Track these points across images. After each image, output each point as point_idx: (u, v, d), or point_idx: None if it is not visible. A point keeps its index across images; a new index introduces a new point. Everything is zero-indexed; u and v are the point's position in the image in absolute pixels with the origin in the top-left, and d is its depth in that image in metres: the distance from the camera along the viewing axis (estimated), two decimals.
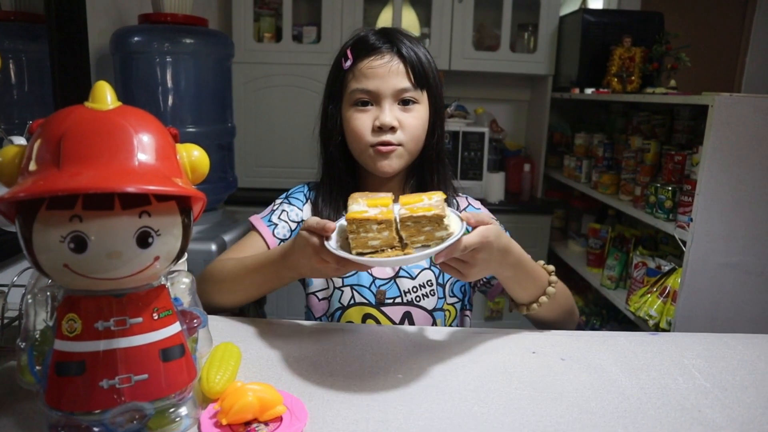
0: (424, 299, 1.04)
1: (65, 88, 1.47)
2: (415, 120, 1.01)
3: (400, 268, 1.05)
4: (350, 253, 0.73)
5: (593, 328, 2.53)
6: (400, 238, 0.74)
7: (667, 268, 1.93)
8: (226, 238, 1.85)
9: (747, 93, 1.74)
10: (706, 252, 1.65)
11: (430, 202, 0.75)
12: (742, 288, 1.68)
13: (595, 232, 2.54)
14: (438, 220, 0.71)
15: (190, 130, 1.86)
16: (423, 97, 1.03)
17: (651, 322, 1.84)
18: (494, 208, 2.78)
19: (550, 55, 2.81)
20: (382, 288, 1.03)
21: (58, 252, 0.51)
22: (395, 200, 0.80)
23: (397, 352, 0.82)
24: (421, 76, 1.01)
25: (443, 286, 1.07)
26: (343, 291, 1.04)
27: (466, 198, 1.19)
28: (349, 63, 1.02)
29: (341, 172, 1.08)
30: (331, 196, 1.09)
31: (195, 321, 0.64)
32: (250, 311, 1.93)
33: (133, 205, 0.52)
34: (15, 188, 0.51)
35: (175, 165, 0.57)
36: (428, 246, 0.73)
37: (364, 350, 0.82)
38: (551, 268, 0.97)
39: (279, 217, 1.10)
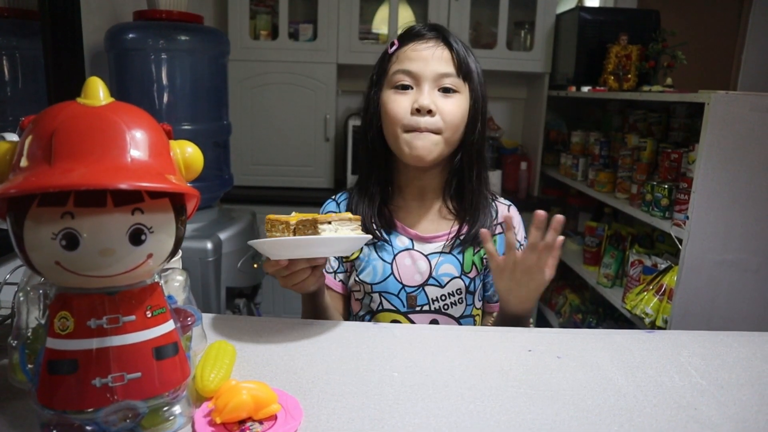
0: (452, 307, 1.05)
1: (59, 85, 1.46)
2: (454, 107, 0.98)
3: (429, 276, 1.04)
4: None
5: (589, 327, 2.53)
6: None
7: (663, 266, 1.93)
8: (222, 236, 1.84)
9: (743, 91, 1.74)
10: (702, 250, 1.65)
11: (336, 215, 0.84)
12: (738, 285, 1.68)
13: (591, 230, 2.54)
14: (314, 223, 0.80)
15: (186, 127, 1.85)
16: (465, 88, 1.01)
17: (647, 320, 1.84)
18: None
19: (546, 53, 2.81)
20: (412, 294, 1.04)
21: (49, 249, 0.50)
22: None
23: (392, 350, 0.82)
24: (465, 65, 1.00)
25: (473, 293, 1.08)
26: (372, 296, 1.05)
27: (509, 207, 1.14)
28: (394, 48, 1.02)
29: (380, 164, 1.05)
30: (367, 192, 1.06)
31: (189, 319, 0.63)
32: (244, 309, 1.93)
33: (126, 202, 0.51)
34: (6, 184, 0.50)
35: (169, 162, 0.56)
36: None
37: (359, 348, 0.82)
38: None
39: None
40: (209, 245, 1.78)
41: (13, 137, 0.67)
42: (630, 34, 2.42)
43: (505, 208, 1.13)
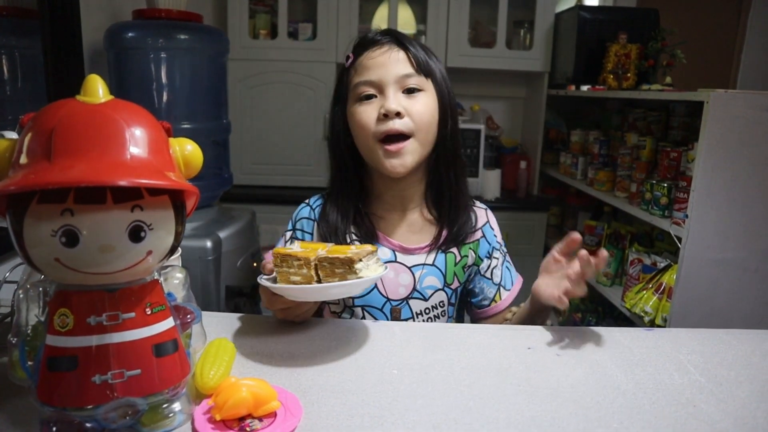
0: (436, 320, 1.04)
1: (59, 84, 1.46)
2: (421, 106, 0.97)
3: (413, 289, 1.03)
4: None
5: (589, 325, 2.53)
6: (319, 280, 0.77)
7: (662, 265, 1.93)
8: (222, 234, 1.84)
9: (742, 89, 1.74)
10: (701, 248, 1.65)
11: (355, 250, 0.78)
12: (737, 284, 1.68)
13: (590, 229, 2.54)
14: (349, 263, 0.75)
15: (185, 126, 1.85)
16: (428, 84, 0.99)
17: (646, 319, 1.84)
18: (490, 205, 2.77)
19: (545, 52, 2.80)
20: (396, 307, 1.02)
21: (49, 246, 0.50)
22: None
23: (392, 347, 0.82)
24: (424, 62, 0.98)
25: (454, 305, 1.07)
26: (354, 310, 1.03)
27: (486, 211, 1.13)
28: (350, 61, 1.01)
29: (352, 178, 1.03)
30: (339, 204, 1.04)
31: (189, 316, 0.63)
32: (244, 307, 1.93)
33: (126, 198, 0.51)
34: (5, 182, 0.50)
35: (168, 159, 0.56)
36: None
37: (358, 346, 0.82)
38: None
39: None
40: (209, 244, 1.78)
41: (12, 135, 0.67)
42: (629, 33, 2.42)
43: (482, 212, 1.11)
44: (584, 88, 2.52)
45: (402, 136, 0.95)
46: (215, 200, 2.12)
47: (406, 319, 1.02)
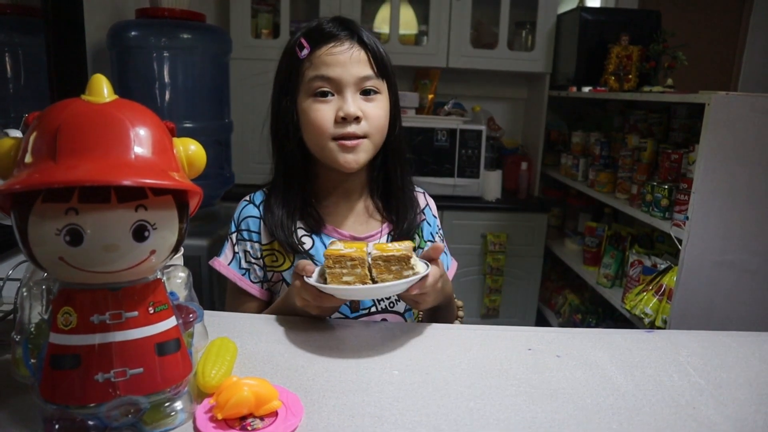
0: (396, 304, 1.03)
1: (62, 82, 1.47)
2: (378, 110, 0.97)
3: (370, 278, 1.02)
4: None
5: (589, 327, 2.53)
6: (372, 279, 0.81)
7: (662, 267, 1.93)
8: (224, 234, 1.84)
9: (744, 92, 1.74)
10: (701, 250, 1.66)
11: (400, 246, 0.82)
12: (737, 286, 1.68)
13: (591, 230, 2.54)
14: (406, 260, 0.79)
15: (187, 125, 1.86)
16: (384, 87, 0.99)
17: (646, 321, 1.84)
18: (491, 207, 2.80)
19: (547, 53, 2.81)
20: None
21: (53, 245, 0.51)
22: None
23: (392, 347, 0.82)
24: (383, 65, 0.98)
25: None
26: None
27: (424, 194, 1.16)
28: (305, 52, 0.96)
29: (299, 171, 1.01)
30: (286, 198, 1.02)
31: (191, 315, 0.63)
32: None
33: (130, 198, 0.52)
34: (10, 180, 0.51)
35: (172, 159, 0.57)
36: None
37: (360, 346, 0.82)
38: (460, 303, 1.10)
39: (246, 261, 1.03)
40: (211, 243, 1.78)
41: (16, 134, 0.67)
42: (631, 35, 2.42)
43: (421, 197, 1.14)
44: (586, 89, 2.52)
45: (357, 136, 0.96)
46: (217, 199, 2.12)
47: (368, 308, 1.01)
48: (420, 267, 0.83)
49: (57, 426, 0.55)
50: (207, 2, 2.70)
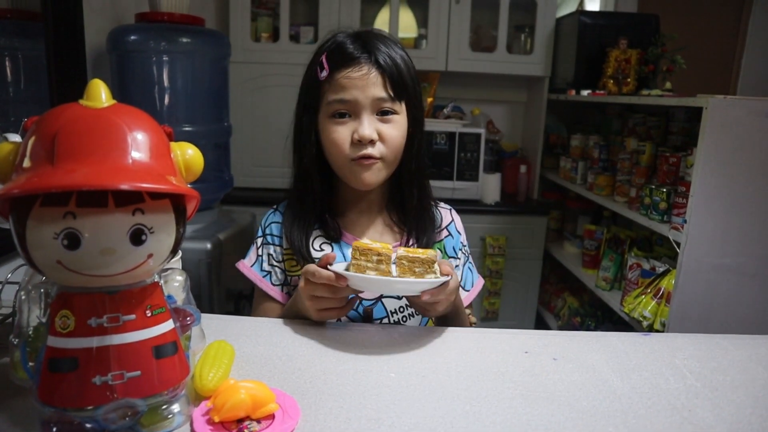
0: (410, 318, 1.04)
1: (61, 87, 1.47)
2: (394, 131, 0.98)
3: None
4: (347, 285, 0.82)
5: (588, 330, 2.53)
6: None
7: (661, 270, 1.94)
8: (222, 237, 1.85)
9: (742, 95, 1.74)
10: (700, 253, 1.66)
11: (427, 250, 0.84)
12: (735, 289, 1.69)
13: (590, 233, 2.55)
14: (430, 263, 0.82)
15: (187, 129, 1.86)
16: (401, 107, 1.00)
17: (645, 323, 1.84)
18: (490, 210, 2.80)
19: (546, 56, 2.81)
20: (368, 307, 1.02)
21: (51, 249, 0.51)
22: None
23: (389, 351, 0.83)
24: (400, 86, 0.98)
25: None
26: None
27: (450, 211, 1.16)
28: (325, 74, 0.98)
29: (316, 185, 1.04)
30: (303, 209, 1.05)
31: (188, 318, 0.64)
32: (243, 310, 1.94)
33: (127, 202, 0.52)
34: (9, 185, 0.51)
35: (170, 163, 0.57)
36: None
37: (356, 349, 0.83)
38: (474, 319, 1.11)
39: (269, 263, 1.07)
40: (209, 246, 1.78)
41: (15, 138, 0.68)
42: (630, 39, 2.43)
43: (447, 213, 1.14)
44: (584, 92, 2.53)
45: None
46: (216, 202, 2.13)
47: (380, 318, 1.02)
48: (441, 276, 0.84)
49: (55, 429, 0.55)
50: (207, 6, 2.71)
